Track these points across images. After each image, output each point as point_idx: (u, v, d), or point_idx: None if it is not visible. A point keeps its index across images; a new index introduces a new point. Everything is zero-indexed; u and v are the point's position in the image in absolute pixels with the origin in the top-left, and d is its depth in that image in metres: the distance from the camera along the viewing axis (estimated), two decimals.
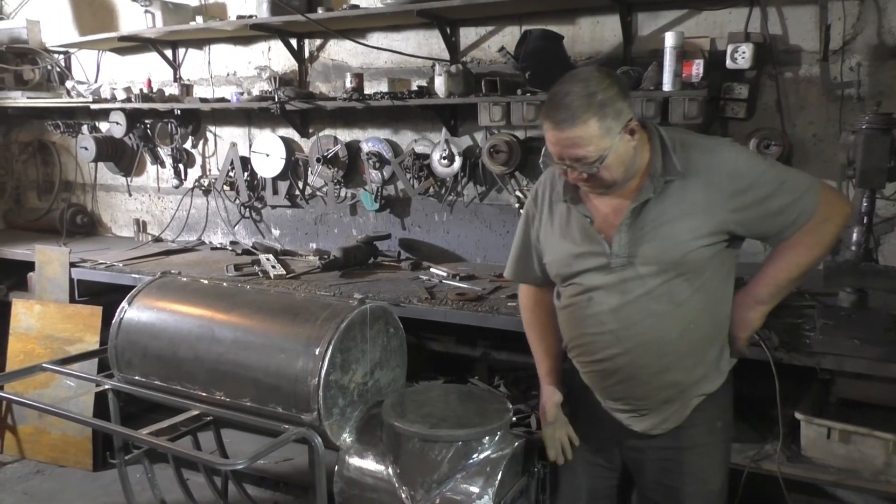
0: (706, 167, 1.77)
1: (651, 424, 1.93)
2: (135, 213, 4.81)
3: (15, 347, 3.99)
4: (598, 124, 1.69)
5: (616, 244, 1.82)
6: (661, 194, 1.78)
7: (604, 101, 1.68)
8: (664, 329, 1.81)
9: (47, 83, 4.72)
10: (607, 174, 1.76)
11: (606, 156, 1.72)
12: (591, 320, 1.88)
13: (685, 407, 1.90)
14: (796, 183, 1.78)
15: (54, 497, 3.60)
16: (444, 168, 3.64)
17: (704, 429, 1.93)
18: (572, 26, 3.32)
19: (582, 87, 1.70)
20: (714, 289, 1.85)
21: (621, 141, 1.72)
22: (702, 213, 1.77)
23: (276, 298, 2.46)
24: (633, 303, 1.81)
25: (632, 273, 1.81)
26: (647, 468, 1.98)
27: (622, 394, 1.92)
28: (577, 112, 1.69)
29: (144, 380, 2.47)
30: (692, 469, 1.93)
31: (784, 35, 2.94)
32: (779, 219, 1.77)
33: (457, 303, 2.90)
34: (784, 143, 2.93)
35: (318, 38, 3.97)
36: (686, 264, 1.78)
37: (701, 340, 1.86)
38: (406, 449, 2.08)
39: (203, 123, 4.42)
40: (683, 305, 1.81)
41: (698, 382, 1.89)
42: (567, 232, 1.92)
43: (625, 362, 1.86)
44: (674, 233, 1.77)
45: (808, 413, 2.36)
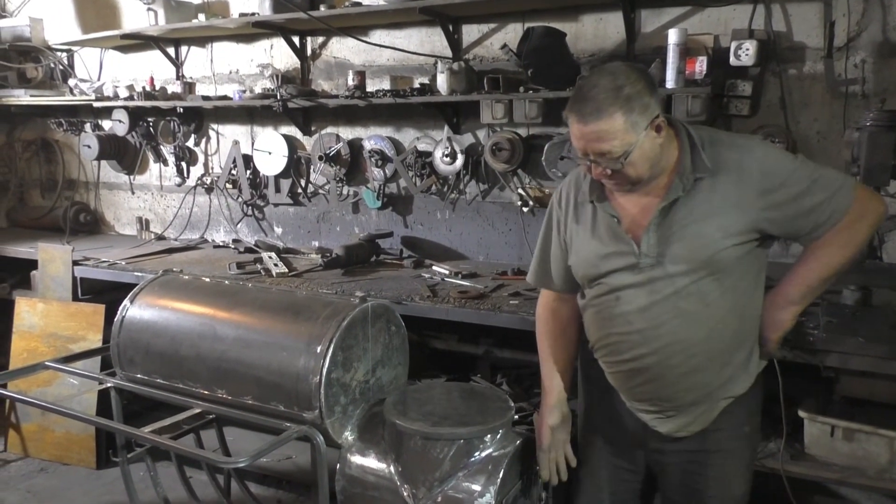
0: (737, 165, 1.74)
1: (677, 426, 1.90)
2: (138, 211, 4.81)
3: (18, 345, 3.99)
4: (623, 118, 1.66)
5: (645, 244, 1.79)
6: (690, 193, 1.75)
7: (630, 95, 1.66)
8: (693, 329, 1.79)
9: (50, 81, 4.72)
10: (632, 170, 1.73)
11: (632, 151, 1.69)
12: (618, 320, 1.86)
13: (712, 409, 1.88)
14: (829, 180, 1.75)
15: (58, 495, 3.60)
16: (446, 166, 3.63)
17: (731, 433, 1.90)
18: (575, 23, 3.31)
19: (609, 81, 1.68)
20: (744, 289, 1.82)
21: (647, 137, 1.69)
22: (732, 212, 1.74)
23: (278, 296, 2.46)
24: (662, 302, 1.79)
25: (661, 272, 1.78)
26: (670, 471, 1.97)
27: (649, 394, 1.90)
28: (603, 105, 1.66)
29: (147, 378, 2.47)
30: (716, 473, 1.91)
31: (788, 32, 2.93)
32: (811, 217, 1.75)
33: (459, 301, 2.89)
34: (788, 140, 2.92)
35: (320, 36, 3.97)
36: (716, 263, 1.75)
37: (730, 341, 1.83)
38: (408, 447, 2.08)
39: (206, 121, 4.42)
40: (712, 305, 1.78)
41: (726, 384, 1.87)
42: (594, 232, 1.88)
43: (652, 362, 1.83)
44: (704, 231, 1.74)
45: (811, 411, 2.35)
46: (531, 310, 2.72)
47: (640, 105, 1.67)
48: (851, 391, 2.32)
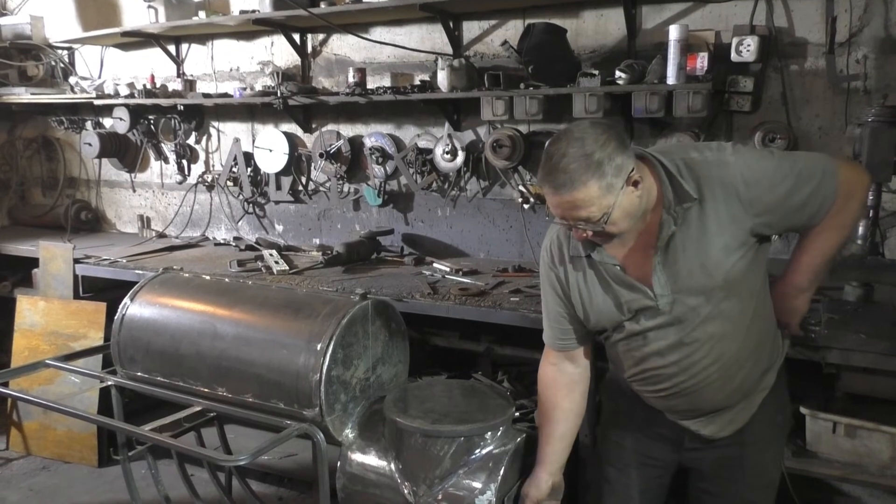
0: (719, 183, 1.71)
1: (719, 427, 1.91)
2: (139, 209, 4.81)
3: (20, 344, 4.00)
4: (597, 184, 1.64)
5: (657, 286, 1.78)
6: (682, 224, 1.73)
7: (601, 160, 1.63)
8: (725, 347, 1.80)
9: (51, 79, 4.71)
10: (614, 228, 1.72)
11: (611, 213, 1.67)
12: (652, 357, 1.85)
13: (751, 405, 1.91)
14: (812, 170, 1.73)
15: (60, 493, 3.61)
16: (446, 163, 3.62)
17: (766, 423, 1.94)
18: (576, 20, 3.30)
19: (578, 149, 1.64)
20: (757, 289, 1.84)
21: (625, 194, 1.67)
22: (729, 229, 1.72)
23: (278, 294, 2.45)
24: (691, 333, 1.79)
25: (682, 308, 1.77)
26: (707, 465, 1.98)
27: (688, 407, 1.90)
28: (576, 175, 1.63)
29: (147, 376, 2.47)
30: (753, 462, 1.94)
31: (790, 28, 2.92)
32: (804, 211, 1.74)
33: (460, 298, 2.89)
34: (789, 136, 2.91)
35: (320, 33, 3.96)
36: (730, 283, 1.75)
37: (758, 341, 1.86)
38: (408, 444, 2.08)
39: (206, 119, 4.42)
40: (737, 319, 1.79)
41: (760, 378, 1.90)
42: (604, 284, 1.86)
43: (691, 385, 1.84)
44: (709, 258, 1.73)
45: (813, 408, 2.35)
46: (532, 307, 2.73)
47: (612, 168, 1.64)
48: (853, 388, 2.32)
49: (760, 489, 1.97)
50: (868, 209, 2.45)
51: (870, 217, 2.45)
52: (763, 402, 1.92)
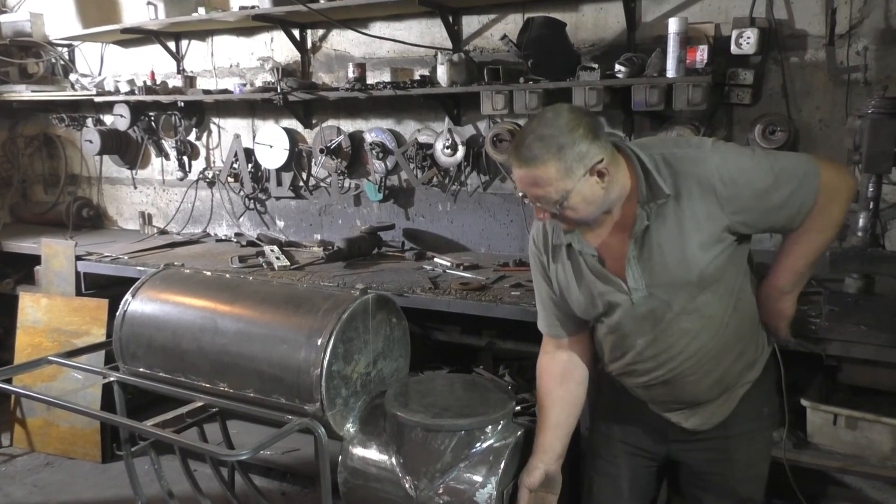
0: (696, 179, 1.71)
1: (701, 420, 1.92)
2: (140, 205, 4.82)
3: (22, 341, 4.01)
4: (556, 166, 1.66)
5: (630, 279, 1.78)
6: (659, 218, 1.73)
7: (563, 144, 1.65)
8: (701, 342, 1.81)
9: (51, 76, 4.71)
10: (572, 214, 1.73)
11: (567, 197, 1.69)
12: (630, 352, 1.87)
13: (732, 398, 1.91)
14: (792, 170, 1.71)
15: (63, 489, 3.62)
16: (447, 158, 3.62)
17: (751, 416, 1.94)
18: (575, 13, 3.30)
19: (546, 128, 1.68)
20: (737, 287, 1.82)
21: (585, 182, 1.68)
22: (705, 226, 1.71)
23: (279, 289, 2.46)
24: (667, 328, 1.80)
25: (656, 302, 1.78)
26: (694, 458, 1.99)
27: (669, 399, 1.92)
28: (537, 153, 1.67)
29: (149, 372, 2.48)
30: (739, 456, 1.94)
31: (790, 19, 2.91)
32: (783, 211, 1.73)
33: (461, 292, 2.89)
34: (790, 128, 2.90)
35: (320, 29, 3.96)
36: (705, 279, 1.75)
37: (736, 337, 1.85)
38: (409, 438, 2.08)
39: (207, 115, 4.42)
40: (714, 314, 1.79)
41: (741, 373, 1.90)
42: (582, 274, 1.87)
43: (669, 377, 1.86)
44: (684, 253, 1.73)
45: (814, 399, 2.35)
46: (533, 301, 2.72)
47: (574, 153, 1.66)
48: (854, 379, 2.32)
49: (749, 482, 1.97)
50: (868, 201, 2.44)
51: (870, 209, 2.45)
52: (747, 395, 1.91)
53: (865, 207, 2.46)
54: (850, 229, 2.71)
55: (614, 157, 1.74)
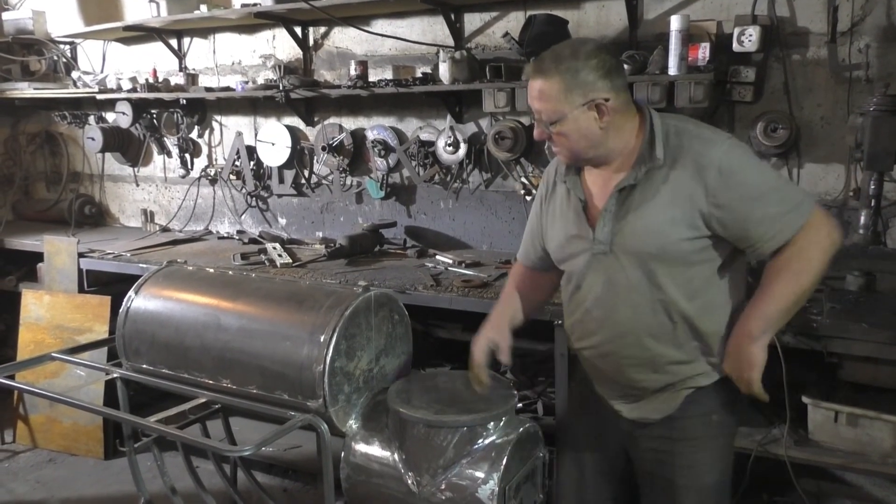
0: (697, 157, 1.70)
1: (641, 412, 1.91)
2: (142, 203, 4.83)
3: (25, 338, 4.02)
4: (560, 86, 1.70)
5: (599, 230, 1.80)
6: (646, 182, 1.73)
7: (576, 69, 1.69)
8: (646, 319, 1.78)
9: (54, 74, 4.72)
10: (564, 141, 1.76)
11: (559, 120, 1.73)
12: (580, 307, 1.89)
13: (674, 397, 1.86)
14: (787, 196, 1.70)
15: (66, 485, 3.63)
16: (449, 155, 3.63)
17: (698, 421, 1.87)
18: (577, 11, 3.30)
19: (566, 49, 1.74)
20: (703, 287, 1.77)
21: (582, 113, 1.71)
22: (683, 204, 1.70)
23: (282, 286, 2.46)
24: (615, 291, 1.80)
25: (613, 261, 1.79)
26: (642, 457, 1.97)
27: (612, 380, 1.93)
28: (548, 66, 1.72)
29: (152, 368, 2.49)
30: (684, 461, 1.88)
31: (791, 17, 2.91)
32: (760, 228, 1.68)
33: (462, 290, 2.90)
34: (791, 126, 2.91)
35: (322, 26, 3.96)
36: (666, 255, 1.73)
37: (686, 336, 1.80)
38: (411, 435, 2.09)
39: (209, 113, 4.42)
40: (666, 298, 1.76)
41: (690, 377, 1.84)
42: (565, 214, 1.91)
43: (609, 350, 1.86)
44: (653, 223, 1.73)
45: (815, 397, 2.36)
46: None
47: (580, 81, 1.70)
48: (855, 377, 2.33)
49: (693, 491, 1.89)
50: (870, 198, 2.45)
51: (871, 206, 2.46)
52: (694, 398, 1.84)
53: (867, 205, 2.47)
54: (852, 227, 2.72)
55: (626, 108, 1.77)
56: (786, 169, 3.00)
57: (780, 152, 2.96)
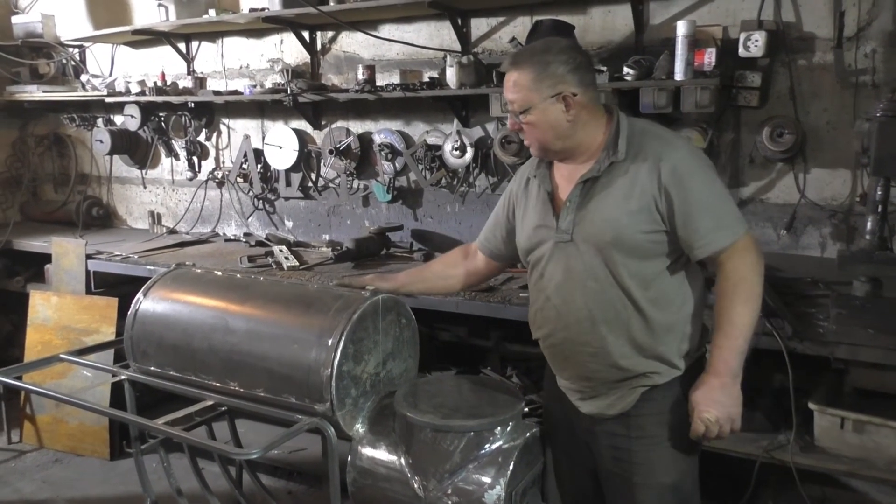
0: (656, 155, 1.81)
1: (597, 408, 1.95)
2: (149, 205, 4.85)
3: (33, 338, 4.04)
4: (531, 77, 1.82)
5: (562, 220, 1.89)
6: (609, 176, 1.84)
7: (548, 62, 1.81)
8: (600, 309, 1.85)
9: (62, 77, 4.75)
10: (534, 131, 1.86)
11: (529, 109, 1.83)
12: (541, 295, 1.96)
13: (629, 394, 1.90)
14: (723, 214, 1.81)
15: (72, 485, 3.65)
16: (455, 159, 3.64)
17: (654, 420, 1.90)
18: (583, 16, 3.31)
19: (542, 45, 1.89)
20: (656, 279, 1.84)
21: (550, 105, 1.82)
22: (640, 197, 1.80)
23: (289, 289, 2.47)
24: (574, 279, 1.87)
25: (573, 250, 1.87)
26: (601, 454, 1.99)
27: (568, 372, 1.98)
28: (523, 59, 1.86)
29: (160, 370, 2.49)
30: (640, 459, 1.91)
31: (798, 22, 2.92)
32: (692, 234, 1.78)
33: (469, 294, 2.90)
34: (797, 131, 2.91)
35: (330, 31, 3.98)
36: (622, 245, 1.81)
37: (641, 330, 1.85)
38: (418, 439, 2.09)
39: (216, 116, 4.44)
40: (621, 286, 1.83)
41: (644, 373, 1.88)
42: (535, 207, 1.99)
43: (564, 338, 1.92)
44: (611, 213, 1.82)
45: (821, 403, 2.35)
46: None
47: (552, 74, 1.81)
48: (861, 383, 2.32)
49: (649, 489, 1.91)
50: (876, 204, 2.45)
51: (878, 212, 2.46)
52: (647, 395, 1.88)
53: (873, 210, 2.47)
54: (859, 232, 2.72)
55: (594, 105, 1.89)
56: (792, 174, 3.00)
57: (786, 157, 2.97)
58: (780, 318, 2.32)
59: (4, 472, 3.79)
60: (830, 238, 2.96)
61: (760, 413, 2.52)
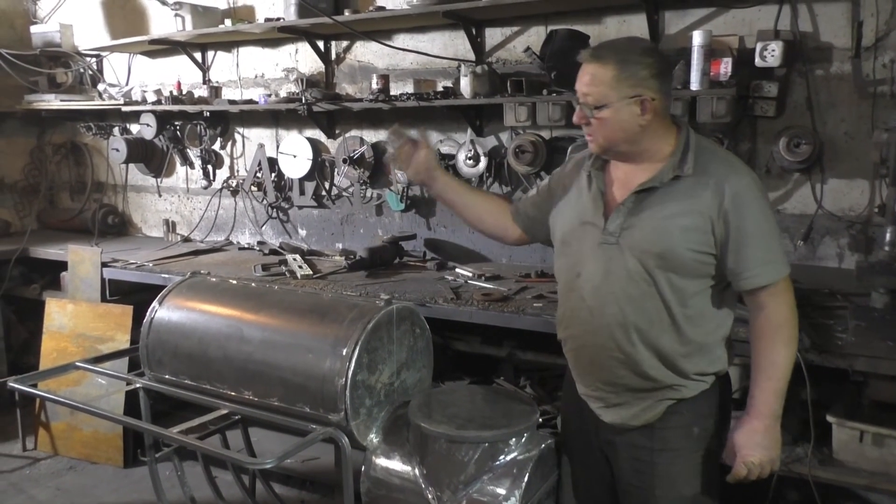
0: (719, 177, 1.79)
1: (620, 417, 1.92)
2: (164, 213, 4.88)
3: (48, 346, 4.07)
4: (612, 74, 1.77)
5: (611, 221, 1.86)
6: (668, 188, 1.81)
7: (630, 61, 1.77)
8: (636, 316, 1.82)
9: (80, 86, 4.80)
10: (601, 129, 1.82)
11: (603, 106, 1.78)
12: (575, 294, 1.93)
13: (655, 406, 1.88)
14: (775, 249, 1.81)
15: (86, 493, 3.66)
16: (469, 168, 3.64)
17: (679, 433, 1.89)
18: (598, 26, 3.31)
19: (627, 43, 1.90)
20: (695, 297, 1.83)
21: (626, 105, 1.77)
22: (697, 217, 1.78)
23: (304, 298, 2.48)
24: (613, 283, 1.84)
25: (617, 254, 1.84)
26: (621, 465, 1.97)
27: (593, 377, 1.95)
28: (605, 53, 1.80)
29: (175, 378, 2.51)
30: (662, 472, 1.90)
31: (815, 32, 2.90)
32: (742, 262, 1.78)
33: (482, 303, 2.90)
34: (814, 141, 2.89)
35: (344, 40, 4.00)
36: (669, 260, 1.79)
37: (672, 348, 1.83)
38: (433, 449, 2.09)
39: (231, 125, 4.47)
40: (660, 300, 1.81)
41: (671, 385, 1.86)
42: (581, 200, 1.97)
43: (595, 341, 1.89)
44: (665, 226, 1.79)
45: (840, 416, 2.32)
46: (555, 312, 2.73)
47: (633, 74, 1.76)
48: (881, 395, 2.29)
49: (673, 502, 1.91)
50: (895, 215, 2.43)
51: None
52: (673, 409, 1.87)
53: (892, 221, 2.45)
54: (877, 243, 2.70)
55: (666, 114, 1.85)
56: (809, 184, 2.98)
57: (802, 168, 2.95)
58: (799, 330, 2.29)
59: (19, 479, 3.81)
60: (848, 249, 2.93)
61: None
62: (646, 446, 1.90)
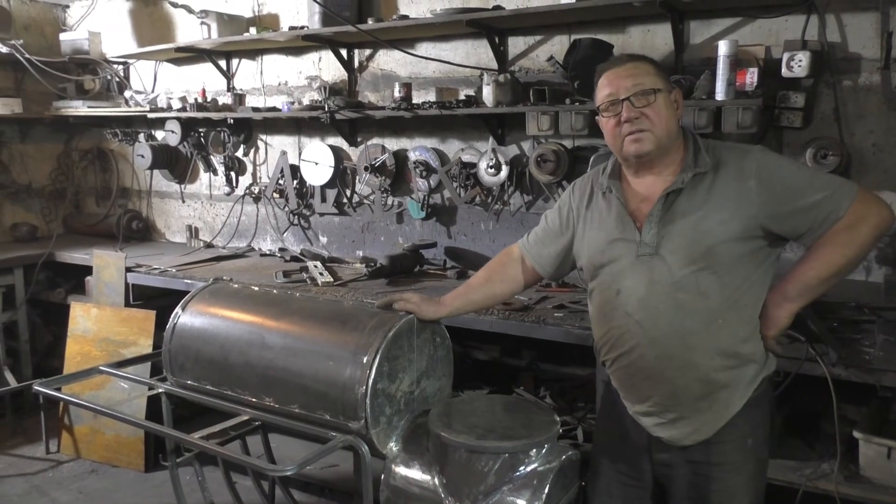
0: (736, 162, 1.82)
1: (680, 434, 1.89)
2: (187, 219, 4.92)
3: (72, 349, 4.11)
4: (651, 67, 1.87)
5: (646, 233, 1.85)
6: (692, 187, 1.82)
7: (657, 64, 1.91)
8: (690, 320, 1.81)
9: (107, 93, 4.88)
10: (654, 116, 1.82)
11: (658, 90, 1.82)
12: (618, 312, 1.90)
13: (718, 418, 1.86)
14: (829, 181, 1.80)
15: (108, 496, 3.69)
16: (490, 177, 3.63)
17: (735, 445, 1.88)
18: (622, 35, 3.29)
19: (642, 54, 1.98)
20: (747, 289, 1.82)
21: (668, 97, 1.85)
22: (733, 208, 1.78)
23: (325, 306, 2.48)
24: (660, 292, 1.82)
25: (659, 262, 1.82)
26: (676, 483, 1.95)
27: (648, 392, 1.90)
28: (638, 58, 1.91)
29: (196, 384, 2.52)
30: (720, 486, 1.89)
31: (843, 43, 2.87)
32: (810, 215, 1.76)
33: (503, 312, 2.89)
34: (842, 152, 2.85)
35: (367, 49, 4.02)
36: (714, 257, 1.78)
37: (730, 340, 1.82)
38: (452, 459, 2.08)
39: (254, 132, 4.51)
40: (711, 299, 1.79)
41: (728, 390, 1.85)
42: (605, 219, 1.96)
43: (650, 354, 1.85)
44: (703, 224, 1.79)
45: (867, 432, 2.28)
46: (576, 322, 2.72)
47: (665, 73, 1.91)
48: None
49: None
50: None
51: None
52: (732, 422, 1.87)
53: None
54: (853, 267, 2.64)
55: None
56: None
57: None
58: (824, 343, 2.26)
59: (42, 481, 3.85)
60: (875, 262, 2.89)
61: (803, 441, 2.46)
62: (703, 462, 1.89)
